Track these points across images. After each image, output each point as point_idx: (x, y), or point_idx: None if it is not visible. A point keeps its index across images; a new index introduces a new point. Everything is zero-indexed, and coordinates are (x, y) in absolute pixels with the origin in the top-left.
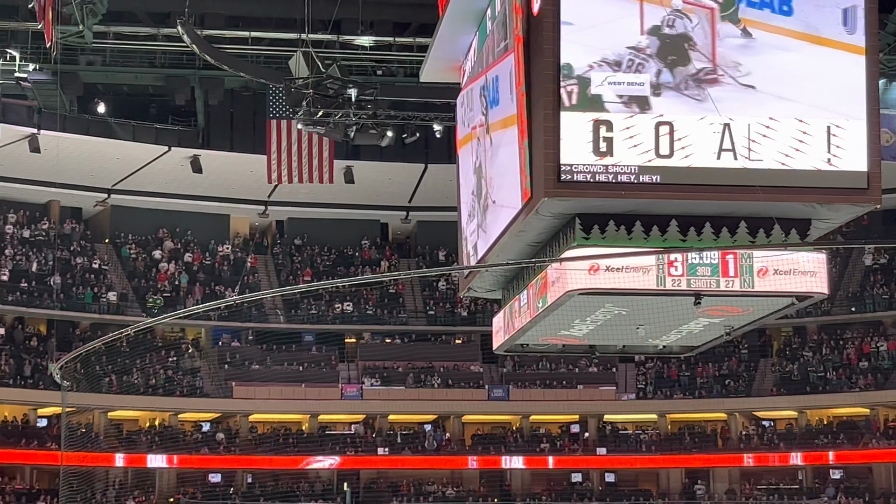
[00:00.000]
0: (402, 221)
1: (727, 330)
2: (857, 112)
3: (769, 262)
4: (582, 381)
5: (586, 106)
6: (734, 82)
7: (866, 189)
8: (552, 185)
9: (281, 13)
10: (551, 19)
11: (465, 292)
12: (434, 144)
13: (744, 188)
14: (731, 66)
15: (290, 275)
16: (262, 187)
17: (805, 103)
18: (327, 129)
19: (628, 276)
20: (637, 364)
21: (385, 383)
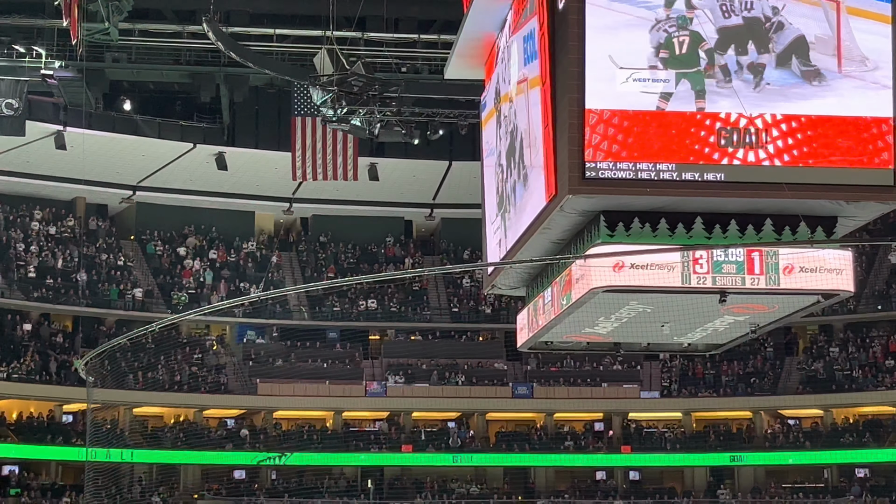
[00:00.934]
0: (426, 219)
1: (752, 328)
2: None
3: (795, 259)
4: (606, 379)
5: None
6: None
7: (892, 186)
8: (577, 182)
9: (305, 10)
10: (576, 15)
11: (490, 289)
12: (458, 141)
13: (770, 185)
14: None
15: (315, 272)
16: (286, 184)
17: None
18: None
19: (653, 274)
20: (661, 362)
21: (409, 380)
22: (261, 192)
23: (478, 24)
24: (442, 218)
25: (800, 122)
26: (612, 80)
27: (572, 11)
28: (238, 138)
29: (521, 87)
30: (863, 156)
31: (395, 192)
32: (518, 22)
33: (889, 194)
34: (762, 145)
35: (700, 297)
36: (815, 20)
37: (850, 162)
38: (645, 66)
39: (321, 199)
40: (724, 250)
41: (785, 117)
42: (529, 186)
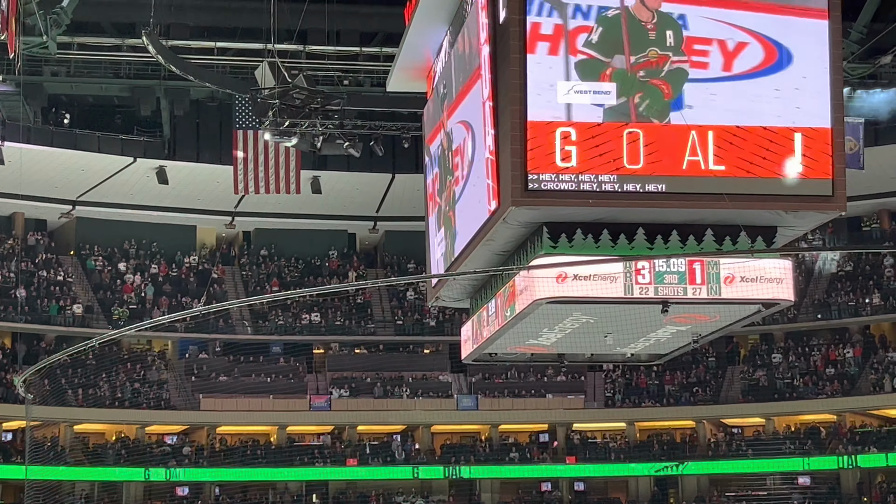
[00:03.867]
0: (369, 231)
1: (695, 337)
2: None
3: (736, 269)
4: (550, 390)
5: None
6: (703, 91)
7: (831, 196)
8: (519, 194)
9: (247, 23)
10: (517, 28)
11: (434, 301)
12: (401, 154)
13: (711, 196)
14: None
15: (257, 286)
16: (228, 198)
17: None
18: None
19: (596, 285)
20: (605, 372)
21: (353, 394)
22: (202, 205)
23: (420, 36)
24: (385, 231)
25: (740, 133)
26: (553, 93)
27: (513, 24)
28: (179, 152)
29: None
30: (802, 166)
31: (338, 205)
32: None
33: (828, 204)
34: (703, 156)
35: (642, 307)
36: (756, 33)
37: (789, 172)
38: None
39: (264, 213)
40: (666, 261)
41: (726, 129)
42: (473, 198)
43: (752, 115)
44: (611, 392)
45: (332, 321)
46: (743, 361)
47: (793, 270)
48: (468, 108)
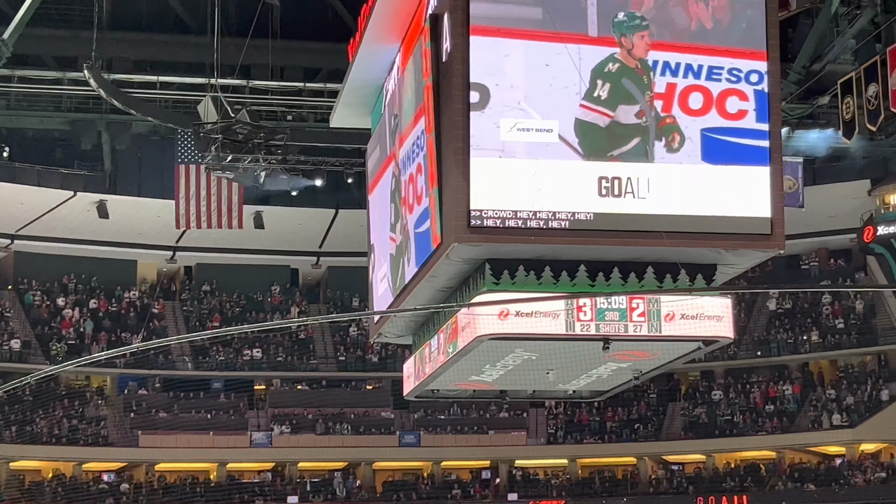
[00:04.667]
0: (312, 267)
1: (635, 374)
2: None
3: (676, 307)
4: (493, 427)
5: (496, 151)
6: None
7: (770, 235)
8: (462, 230)
9: (190, 58)
10: (461, 65)
11: (376, 338)
12: (345, 189)
13: (650, 234)
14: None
15: (198, 321)
16: (170, 233)
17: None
18: (236, 174)
19: (538, 322)
20: (547, 409)
21: (295, 430)
22: (143, 240)
23: (363, 72)
24: (328, 266)
25: (679, 171)
26: (496, 130)
27: (457, 61)
28: (120, 186)
29: (407, 135)
30: (741, 204)
31: (281, 241)
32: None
33: (767, 242)
34: (643, 194)
35: (584, 344)
36: (695, 71)
37: (728, 210)
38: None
39: (205, 248)
40: (608, 298)
41: (664, 166)
42: (415, 234)
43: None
44: (553, 428)
45: (273, 357)
46: (683, 398)
47: (732, 308)
48: (412, 144)
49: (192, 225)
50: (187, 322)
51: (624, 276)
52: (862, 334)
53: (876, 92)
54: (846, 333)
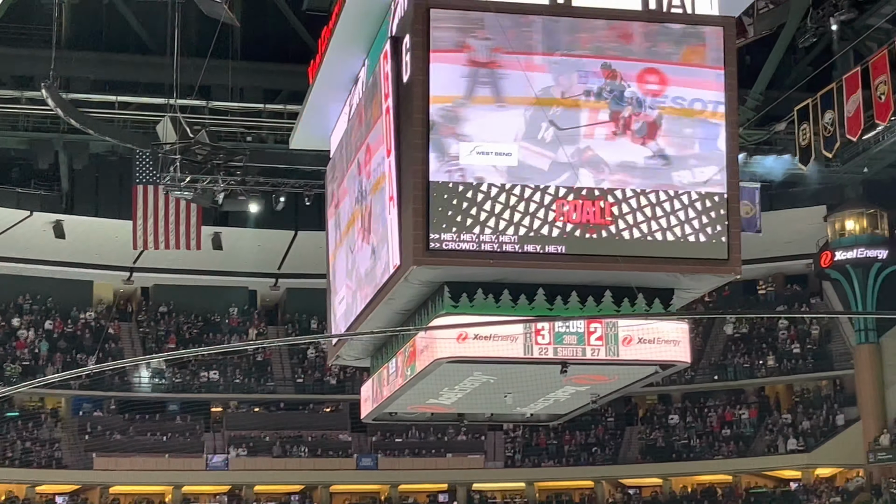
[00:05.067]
0: (270, 289)
1: (593, 398)
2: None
3: (634, 330)
4: (451, 450)
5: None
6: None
7: (727, 260)
8: (421, 253)
9: (149, 78)
10: (420, 88)
11: (334, 360)
12: (304, 211)
13: (607, 258)
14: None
15: (155, 343)
16: (127, 253)
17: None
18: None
19: (496, 345)
20: (505, 432)
21: (251, 453)
22: (100, 261)
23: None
24: (287, 288)
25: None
26: (456, 153)
27: (417, 84)
28: (77, 206)
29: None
30: (698, 230)
31: (240, 262)
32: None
33: (724, 267)
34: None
35: (542, 367)
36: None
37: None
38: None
39: (163, 269)
40: (566, 321)
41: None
42: (374, 257)
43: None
44: (511, 452)
45: (230, 379)
46: (641, 422)
47: (689, 332)
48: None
49: (150, 246)
50: (143, 343)
51: (582, 299)
52: (818, 359)
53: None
54: (802, 358)
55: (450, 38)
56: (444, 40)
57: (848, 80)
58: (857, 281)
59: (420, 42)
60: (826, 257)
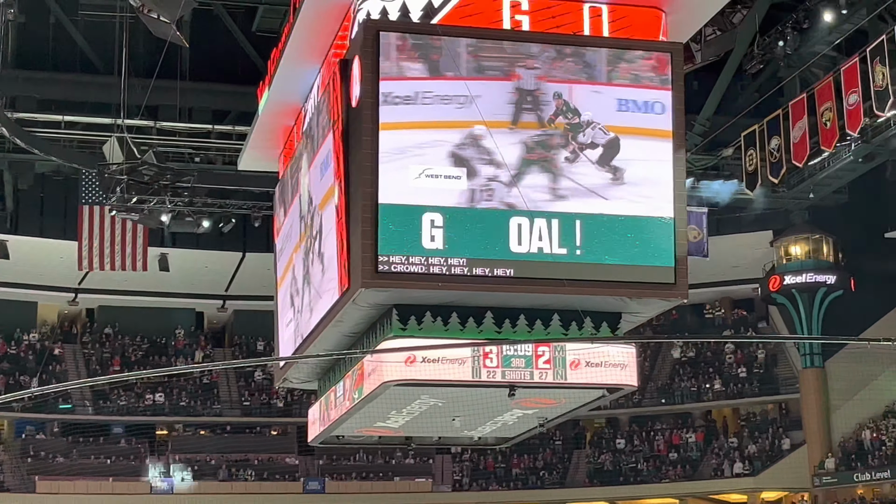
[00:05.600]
0: (218, 310)
1: (541, 421)
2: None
3: (581, 354)
4: (398, 473)
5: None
6: (548, 177)
7: (673, 284)
8: (369, 275)
9: (96, 98)
10: (370, 111)
11: (281, 383)
12: (252, 233)
13: (555, 282)
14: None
15: (99, 364)
16: (72, 274)
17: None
18: (141, 216)
19: (444, 368)
20: (454, 455)
21: (197, 477)
22: (45, 281)
23: (272, 116)
24: (234, 310)
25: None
26: (405, 175)
27: (366, 108)
28: (21, 226)
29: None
30: (646, 254)
31: (187, 284)
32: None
33: (670, 291)
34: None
35: (490, 391)
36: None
37: (633, 259)
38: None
39: (108, 290)
40: (513, 345)
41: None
42: (323, 279)
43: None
44: (459, 475)
45: (176, 402)
46: (589, 445)
47: (636, 356)
48: (320, 188)
49: (95, 267)
50: (88, 365)
51: (530, 322)
52: (764, 383)
53: (778, 145)
54: (748, 382)
55: (398, 63)
56: (392, 64)
57: (794, 107)
58: (802, 306)
59: (369, 64)
60: (775, 281)
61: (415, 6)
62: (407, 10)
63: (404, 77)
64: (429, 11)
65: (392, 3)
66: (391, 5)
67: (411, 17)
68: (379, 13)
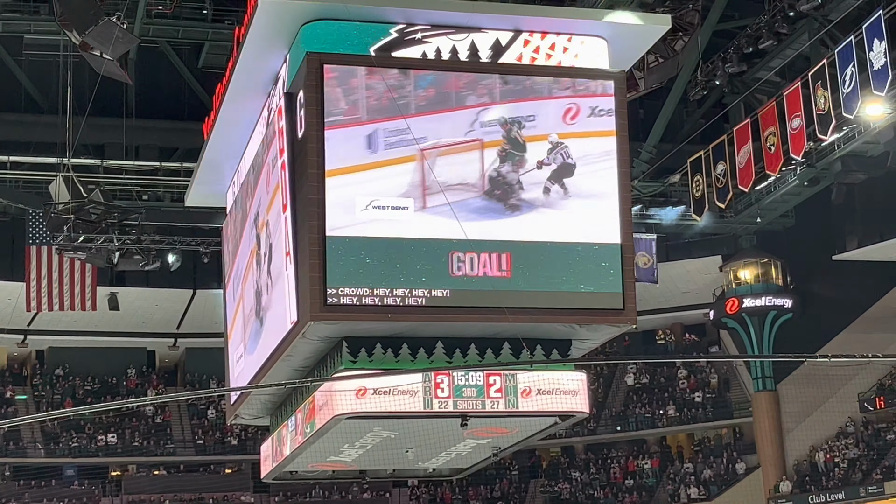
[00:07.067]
0: (169, 349)
1: (495, 451)
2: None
3: (532, 382)
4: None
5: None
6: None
7: (622, 310)
8: (318, 308)
9: (41, 137)
10: (315, 144)
11: (233, 419)
12: (202, 269)
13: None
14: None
15: (50, 406)
16: (21, 316)
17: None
18: (89, 255)
19: (396, 399)
20: (410, 488)
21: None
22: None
23: (218, 151)
24: (186, 348)
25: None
26: (352, 207)
27: (311, 140)
28: None
29: (263, 213)
30: (594, 280)
31: (137, 322)
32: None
33: (619, 317)
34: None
35: (443, 421)
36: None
37: (581, 286)
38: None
39: (58, 331)
40: (465, 374)
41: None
42: (272, 313)
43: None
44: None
45: (129, 442)
46: (545, 474)
47: (587, 383)
48: (267, 221)
49: (44, 307)
50: (38, 407)
51: (481, 352)
52: (717, 408)
53: (724, 170)
54: (702, 407)
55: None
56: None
57: (738, 132)
58: (753, 329)
59: (314, 98)
60: (732, 304)
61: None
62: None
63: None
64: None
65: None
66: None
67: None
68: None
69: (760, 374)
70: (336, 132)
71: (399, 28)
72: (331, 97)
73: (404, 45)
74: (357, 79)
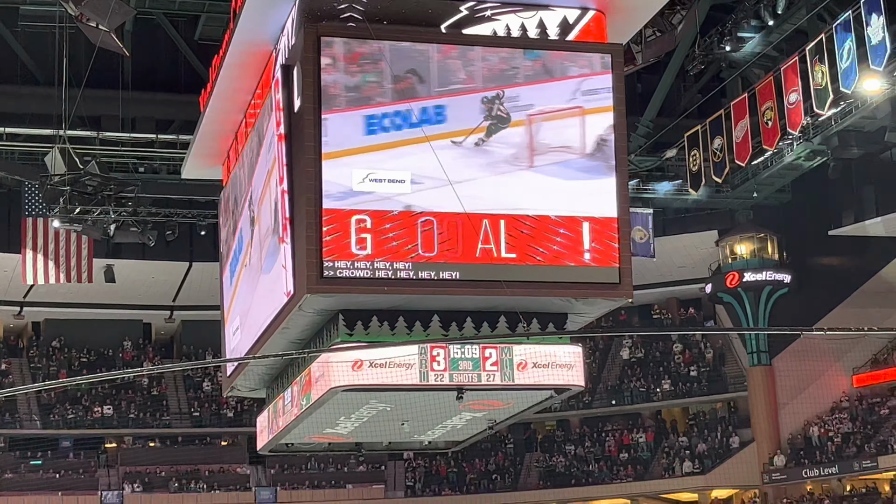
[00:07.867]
0: (165, 321)
1: (490, 424)
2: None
3: (528, 355)
4: (351, 481)
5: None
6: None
7: (618, 284)
8: (314, 281)
9: (37, 109)
10: (312, 116)
11: (229, 391)
12: (198, 242)
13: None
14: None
15: (46, 378)
16: (17, 287)
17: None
18: (85, 227)
19: (392, 372)
20: (406, 461)
21: (147, 489)
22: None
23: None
24: (182, 320)
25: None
26: (349, 180)
27: (308, 113)
28: None
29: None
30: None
31: (133, 295)
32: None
33: (615, 291)
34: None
35: (438, 394)
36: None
37: (578, 260)
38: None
39: (54, 303)
40: (461, 347)
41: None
42: (268, 286)
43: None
44: (411, 481)
45: (125, 414)
46: (540, 448)
47: (583, 356)
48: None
49: (40, 279)
50: (34, 379)
51: (477, 325)
52: (712, 382)
53: (721, 145)
54: (697, 381)
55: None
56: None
57: (736, 107)
58: (748, 304)
59: (310, 70)
60: (732, 278)
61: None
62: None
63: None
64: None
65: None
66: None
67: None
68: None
69: (755, 349)
70: (334, 105)
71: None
72: (327, 65)
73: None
74: (357, 53)
